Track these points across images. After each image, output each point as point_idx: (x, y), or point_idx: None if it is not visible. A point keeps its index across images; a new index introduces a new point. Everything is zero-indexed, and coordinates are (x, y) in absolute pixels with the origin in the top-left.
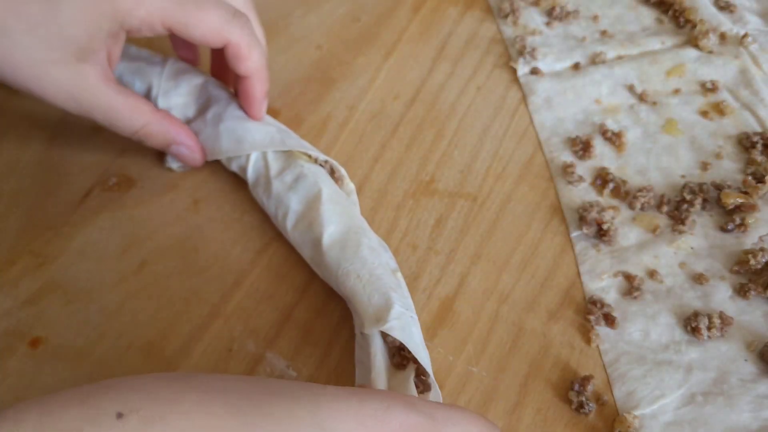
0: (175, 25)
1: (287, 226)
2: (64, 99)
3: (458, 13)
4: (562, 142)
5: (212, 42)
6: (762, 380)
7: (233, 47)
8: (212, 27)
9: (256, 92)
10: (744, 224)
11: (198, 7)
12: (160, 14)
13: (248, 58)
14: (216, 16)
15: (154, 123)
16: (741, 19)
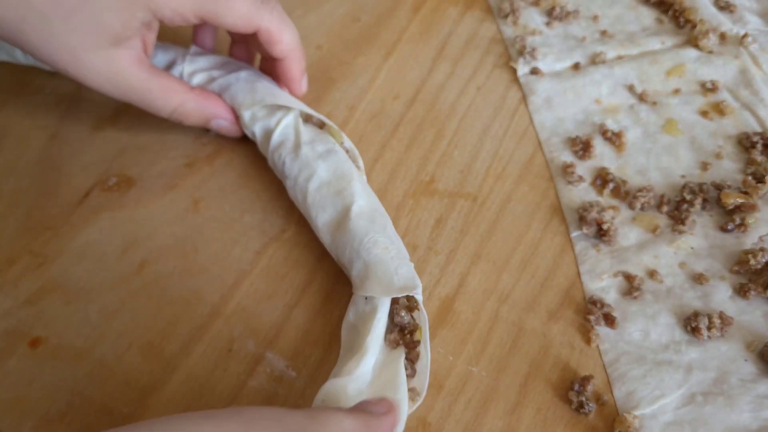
0: (206, 15)
1: (309, 187)
2: (101, 83)
3: (458, 13)
4: (562, 142)
5: (243, 28)
6: (762, 380)
7: (264, 32)
8: (242, 14)
9: (293, 71)
10: (744, 224)
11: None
12: (192, 4)
13: (280, 41)
14: (245, 3)
15: (190, 101)
16: (741, 19)
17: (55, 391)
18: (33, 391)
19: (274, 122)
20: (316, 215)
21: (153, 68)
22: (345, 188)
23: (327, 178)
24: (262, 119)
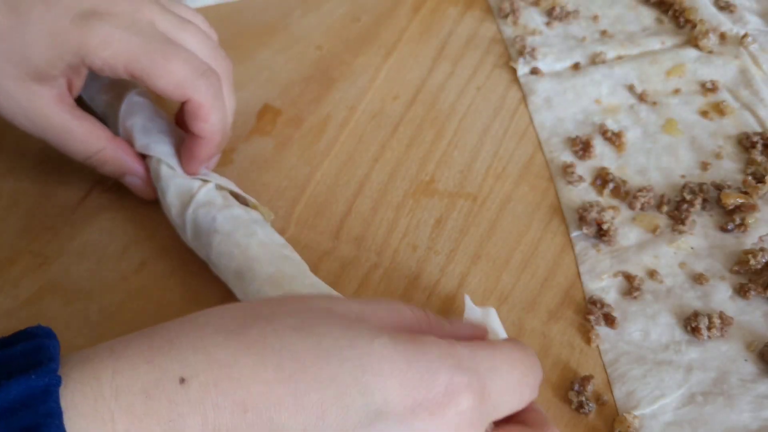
0: (138, 72)
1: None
2: (18, 117)
3: (458, 13)
4: (562, 142)
5: (173, 95)
6: (762, 380)
7: (193, 105)
8: (177, 80)
9: (200, 153)
10: (744, 224)
11: (165, 58)
12: (126, 58)
13: (206, 120)
14: (182, 70)
15: (110, 149)
16: (741, 19)
17: None
18: None
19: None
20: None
21: (75, 109)
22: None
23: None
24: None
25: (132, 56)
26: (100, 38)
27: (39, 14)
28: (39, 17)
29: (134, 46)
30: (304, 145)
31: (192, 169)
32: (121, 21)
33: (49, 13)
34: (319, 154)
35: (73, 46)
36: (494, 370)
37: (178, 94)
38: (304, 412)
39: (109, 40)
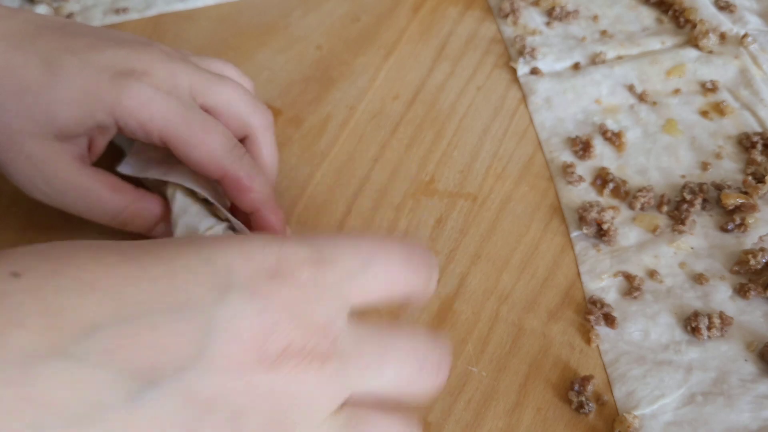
0: (173, 139)
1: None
2: (36, 179)
3: (458, 13)
4: (562, 142)
5: (208, 168)
6: (762, 380)
7: (232, 179)
8: (212, 152)
9: (273, 223)
10: (744, 224)
11: (203, 129)
12: (163, 124)
13: (250, 189)
14: (219, 141)
15: (138, 201)
16: (741, 19)
17: None
18: None
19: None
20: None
21: (95, 169)
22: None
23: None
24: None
25: (170, 123)
26: (139, 100)
27: (74, 71)
28: (74, 74)
29: (173, 113)
30: (304, 145)
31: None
32: (160, 83)
33: (85, 70)
34: (319, 154)
35: (107, 105)
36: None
37: (215, 168)
38: (154, 283)
39: (148, 103)
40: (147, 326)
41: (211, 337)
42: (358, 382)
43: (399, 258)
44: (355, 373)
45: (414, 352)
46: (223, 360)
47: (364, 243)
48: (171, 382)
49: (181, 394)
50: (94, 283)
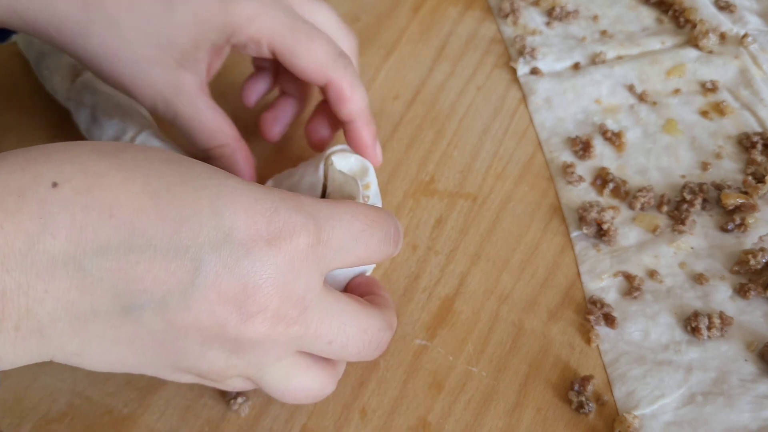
0: (281, 49)
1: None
2: (155, 100)
3: (458, 13)
4: (562, 142)
5: (314, 76)
6: (762, 380)
7: (335, 87)
8: (319, 59)
9: (365, 137)
10: (744, 224)
11: (309, 37)
12: (270, 35)
13: (351, 100)
14: (324, 50)
15: (229, 149)
16: (741, 19)
17: (55, 391)
18: (33, 391)
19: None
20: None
21: (211, 100)
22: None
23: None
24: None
25: (277, 33)
26: (246, 14)
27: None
28: (187, 1)
29: (279, 24)
30: (304, 145)
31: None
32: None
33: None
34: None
35: (218, 24)
36: (335, 217)
37: (320, 75)
38: (162, 223)
39: (255, 17)
40: (147, 259)
41: (197, 281)
42: (310, 346)
43: (381, 235)
44: (310, 339)
45: (363, 335)
46: (203, 303)
47: (356, 222)
48: (155, 306)
49: (162, 318)
50: (114, 209)
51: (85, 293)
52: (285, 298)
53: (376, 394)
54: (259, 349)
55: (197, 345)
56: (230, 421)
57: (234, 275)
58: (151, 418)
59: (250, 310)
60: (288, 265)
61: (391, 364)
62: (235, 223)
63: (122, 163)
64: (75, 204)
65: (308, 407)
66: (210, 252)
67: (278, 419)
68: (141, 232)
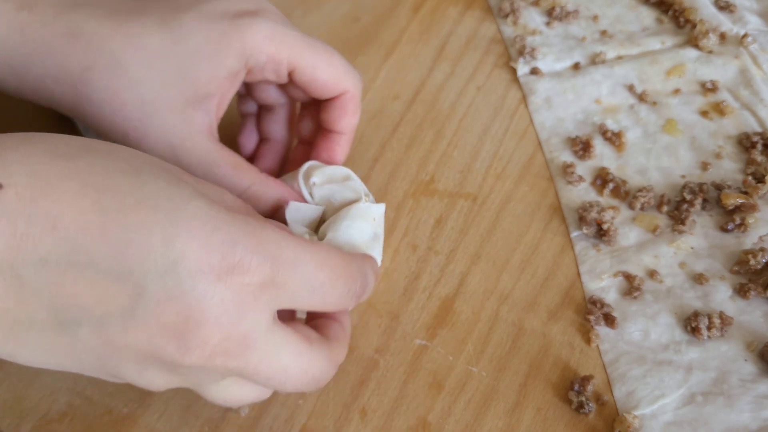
0: (303, 65)
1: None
2: (161, 148)
3: (458, 13)
4: (562, 142)
5: (333, 88)
6: (762, 380)
7: (347, 98)
8: (338, 72)
9: (341, 152)
10: (744, 224)
11: (326, 50)
12: (290, 51)
13: (354, 114)
14: (341, 60)
15: (260, 184)
16: (741, 19)
17: (55, 391)
18: (33, 391)
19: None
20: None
21: (221, 144)
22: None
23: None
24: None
25: (296, 49)
26: (263, 34)
27: (194, 24)
28: (195, 27)
29: (297, 40)
30: None
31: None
32: (276, 17)
33: (204, 21)
34: None
35: (235, 48)
36: (298, 263)
37: (337, 87)
38: (107, 243)
39: (272, 35)
40: (87, 278)
41: (138, 307)
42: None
43: (342, 291)
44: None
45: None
46: (142, 329)
47: (319, 275)
48: (93, 325)
49: (98, 337)
50: (58, 222)
51: (22, 303)
52: (227, 335)
53: (376, 394)
54: (197, 374)
55: (134, 364)
56: (230, 421)
57: (177, 306)
58: (151, 418)
59: (189, 343)
60: (235, 302)
61: (391, 363)
62: (185, 253)
63: (77, 171)
64: (18, 213)
65: (309, 407)
66: (155, 279)
67: (278, 419)
68: (84, 249)
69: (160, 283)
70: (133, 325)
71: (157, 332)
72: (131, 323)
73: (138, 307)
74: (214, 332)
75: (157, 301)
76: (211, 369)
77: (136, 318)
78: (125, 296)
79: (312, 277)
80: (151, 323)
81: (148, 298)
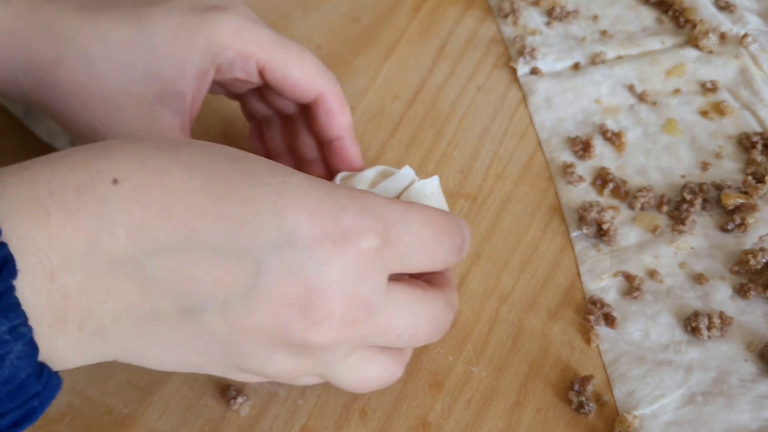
0: (272, 62)
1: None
2: None
3: (458, 13)
4: (562, 142)
5: (306, 89)
6: (762, 380)
7: (327, 99)
8: (310, 71)
9: (352, 153)
10: (744, 224)
11: (298, 48)
12: (259, 47)
13: (342, 113)
14: (314, 62)
15: None
16: (741, 19)
17: None
18: None
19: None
20: None
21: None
22: None
23: None
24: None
25: (267, 46)
26: (231, 30)
27: (161, 19)
28: (162, 22)
29: (267, 37)
30: None
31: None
32: (246, 13)
33: (172, 16)
34: None
35: (201, 43)
36: (404, 221)
37: (311, 87)
38: (221, 222)
39: (241, 31)
40: (206, 260)
41: (259, 283)
42: (379, 341)
43: (448, 245)
44: (378, 336)
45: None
46: (266, 306)
47: (426, 231)
48: (217, 308)
49: (224, 321)
50: (173, 208)
51: (146, 294)
52: (351, 302)
53: (376, 394)
54: (326, 351)
55: (262, 348)
56: (230, 421)
57: (297, 278)
58: (151, 418)
59: (314, 316)
60: (354, 268)
61: None
62: (298, 224)
63: (182, 161)
64: (134, 203)
65: (308, 407)
66: (272, 254)
67: (278, 419)
68: (200, 232)
69: (278, 258)
70: (257, 303)
71: (281, 308)
72: (254, 302)
73: (259, 284)
74: (338, 301)
75: (278, 275)
76: (340, 343)
77: (259, 295)
78: (245, 274)
79: (419, 233)
80: (274, 299)
81: (267, 273)
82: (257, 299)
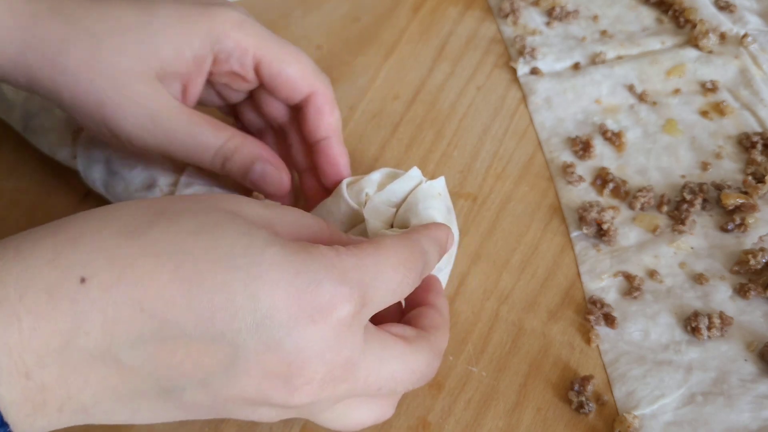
0: (268, 57)
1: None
2: (141, 117)
3: (458, 13)
4: (562, 142)
5: (300, 86)
6: (762, 380)
7: (318, 97)
8: (305, 68)
9: (338, 154)
10: (744, 224)
11: (295, 48)
12: (257, 41)
13: (332, 113)
14: (309, 60)
15: (238, 136)
16: (741, 19)
17: None
18: None
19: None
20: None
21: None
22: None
23: None
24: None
25: (264, 40)
26: (232, 22)
27: (167, 8)
28: (169, 8)
29: (265, 32)
30: None
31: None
32: (245, 12)
33: (178, 8)
34: None
35: (203, 29)
36: (379, 276)
37: (305, 85)
38: (194, 312)
39: (241, 24)
40: (183, 346)
41: (238, 362)
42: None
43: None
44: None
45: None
46: (247, 379)
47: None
48: (197, 387)
49: (206, 394)
50: (143, 303)
51: (126, 379)
52: (331, 366)
53: None
54: (311, 407)
55: (246, 407)
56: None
57: (277, 355)
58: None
59: (296, 383)
60: (333, 336)
61: None
62: (273, 303)
63: (151, 244)
64: (104, 300)
65: None
66: (248, 336)
67: None
68: (173, 322)
69: (255, 338)
70: (237, 378)
71: (263, 380)
72: (235, 377)
73: (239, 362)
74: (318, 368)
75: (256, 353)
76: (323, 400)
77: (239, 372)
78: (223, 355)
79: (391, 280)
80: (255, 373)
81: (246, 353)
82: (238, 375)
